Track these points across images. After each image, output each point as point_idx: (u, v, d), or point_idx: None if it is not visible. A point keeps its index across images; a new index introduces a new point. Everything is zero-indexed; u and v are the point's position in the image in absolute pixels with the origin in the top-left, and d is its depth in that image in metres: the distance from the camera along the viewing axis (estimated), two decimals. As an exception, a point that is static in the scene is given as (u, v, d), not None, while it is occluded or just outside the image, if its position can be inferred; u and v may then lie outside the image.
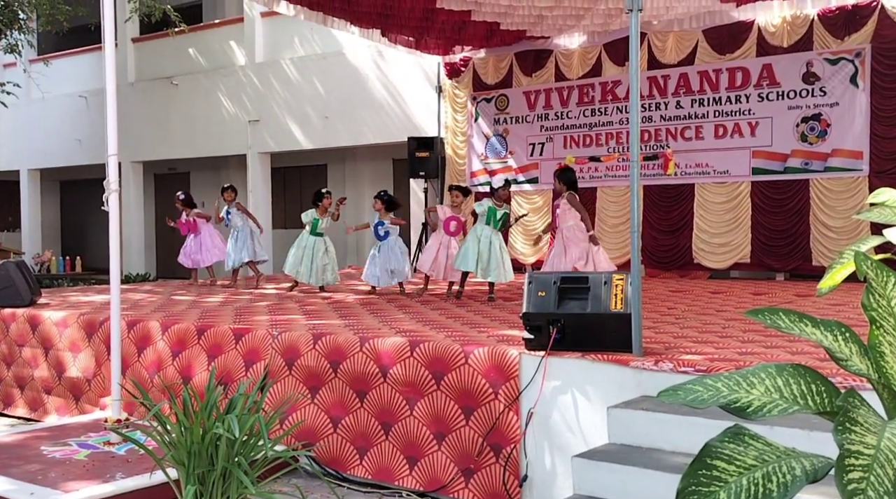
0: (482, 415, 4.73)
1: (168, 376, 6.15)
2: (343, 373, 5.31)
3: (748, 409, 1.68)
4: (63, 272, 16.29)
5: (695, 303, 7.48)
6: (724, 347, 4.79)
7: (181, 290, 9.87)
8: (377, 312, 7.04)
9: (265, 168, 15.44)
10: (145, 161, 17.27)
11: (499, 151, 12.04)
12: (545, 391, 4.52)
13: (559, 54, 11.43)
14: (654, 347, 4.67)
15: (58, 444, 5.47)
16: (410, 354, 5.03)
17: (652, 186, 10.60)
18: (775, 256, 9.87)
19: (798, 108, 9.70)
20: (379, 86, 13.66)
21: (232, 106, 15.61)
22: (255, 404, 4.05)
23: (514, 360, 4.65)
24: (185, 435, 3.77)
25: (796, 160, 9.72)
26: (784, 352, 4.58)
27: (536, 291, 4.63)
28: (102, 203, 5.34)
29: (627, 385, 4.29)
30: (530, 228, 11.33)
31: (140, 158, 17.05)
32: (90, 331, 6.86)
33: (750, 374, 1.76)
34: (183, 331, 6.27)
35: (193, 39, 16.12)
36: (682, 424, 3.75)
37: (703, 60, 10.34)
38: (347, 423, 5.28)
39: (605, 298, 4.51)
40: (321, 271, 9.10)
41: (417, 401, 4.99)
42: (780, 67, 9.81)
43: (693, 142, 10.41)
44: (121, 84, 13.79)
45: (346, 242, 15.70)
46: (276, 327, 5.94)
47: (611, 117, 11.05)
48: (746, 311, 1.99)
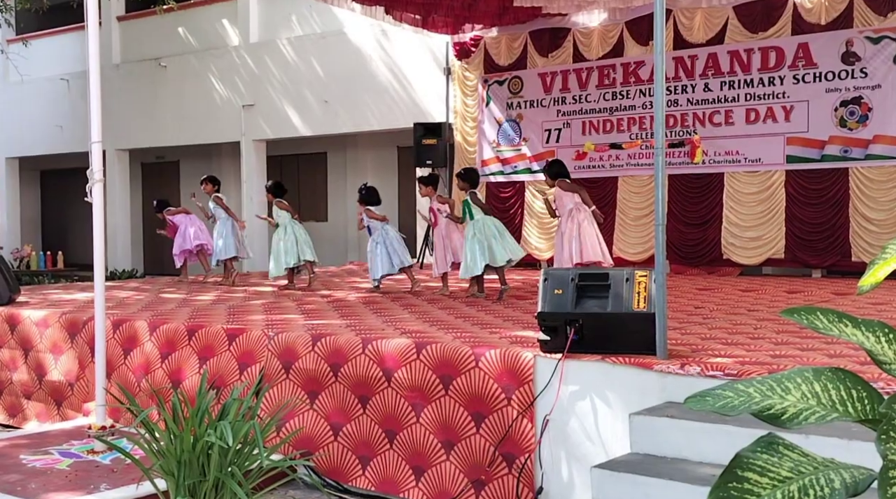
0: (494, 422, 4.73)
1: (156, 379, 6.17)
2: (344, 377, 5.32)
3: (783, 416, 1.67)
4: (44, 268, 16.38)
5: (724, 302, 7.46)
6: (756, 349, 4.78)
7: (170, 287, 9.90)
8: (380, 311, 7.05)
9: (260, 156, 15.46)
10: (131, 149, 17.31)
11: (512, 138, 12.02)
12: (562, 397, 4.52)
13: (577, 33, 11.40)
14: (680, 350, 4.66)
15: (38, 452, 5.49)
16: (416, 356, 5.03)
17: (678, 176, 10.56)
18: (811, 252, 9.83)
19: (836, 91, 9.64)
20: (383, 68, 13.66)
21: (225, 90, 15.63)
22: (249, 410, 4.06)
23: (528, 363, 4.65)
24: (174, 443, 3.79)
25: (834, 147, 9.67)
26: (821, 355, 4.56)
27: (552, 288, 4.62)
28: (86, 194, 5.36)
29: (651, 390, 4.28)
30: (546, 223, 11.32)
31: (126, 146, 17.09)
32: (73, 331, 6.89)
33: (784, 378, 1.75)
34: (172, 331, 6.28)
35: (183, 18, 16.14)
36: (711, 432, 3.75)
37: (733, 39, 10.29)
38: (349, 430, 5.29)
39: (627, 296, 4.50)
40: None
41: (424, 407, 4.99)
42: (817, 47, 9.75)
43: (722, 128, 10.37)
44: (105, 66, 13.82)
45: (348, 238, 15.73)
46: (273, 328, 5.96)
47: (633, 101, 11.01)
48: (781, 310, 1.98)
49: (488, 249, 7.85)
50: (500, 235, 7.96)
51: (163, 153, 18.09)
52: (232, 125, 15.44)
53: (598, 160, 11.14)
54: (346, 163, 16.15)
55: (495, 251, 7.87)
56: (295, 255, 9.23)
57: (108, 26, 16.80)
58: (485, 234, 7.90)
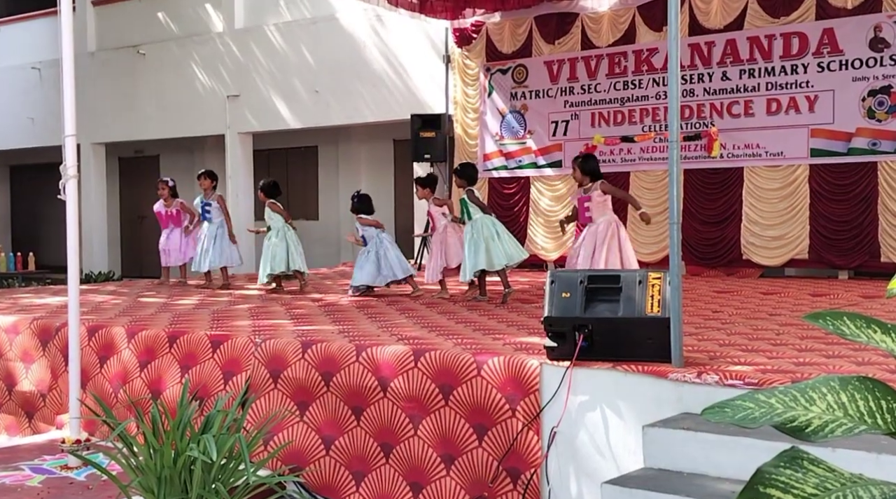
0: (497, 435, 4.73)
1: (135, 389, 6.17)
2: (336, 386, 5.32)
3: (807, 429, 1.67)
4: (13, 270, 16.35)
5: (744, 305, 7.47)
6: (778, 356, 4.78)
7: (149, 290, 9.90)
8: (375, 316, 7.05)
9: (246, 150, 15.47)
10: (108, 142, 17.31)
11: (516, 131, 12.02)
12: (570, 408, 4.52)
13: (586, 18, 11.41)
14: (697, 357, 4.66)
15: (8, 468, 5.49)
16: (414, 364, 5.03)
17: (694, 171, 10.57)
18: (837, 252, 9.83)
19: (864, 80, 9.65)
20: (377, 55, 13.66)
21: (208, 79, 15.63)
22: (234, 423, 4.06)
23: (534, 371, 4.65)
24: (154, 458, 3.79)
25: (862, 140, 9.67)
26: (848, 362, 4.57)
27: (560, 291, 4.63)
28: (59, 191, 5.36)
29: (666, 401, 4.28)
30: (552, 220, 11.32)
31: (102, 140, 17.09)
32: (45, 338, 6.88)
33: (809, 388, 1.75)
34: (152, 338, 6.28)
35: (163, 2, 16.14)
36: (730, 445, 3.75)
37: (753, 24, 10.29)
38: (342, 444, 5.29)
39: (640, 299, 4.51)
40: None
41: (422, 419, 4.99)
42: (843, 32, 9.76)
43: (742, 119, 10.37)
44: (79, 54, 13.83)
45: (340, 238, 15.72)
46: (260, 334, 5.96)
47: (646, 91, 11.02)
48: (805, 314, 1.98)
49: (485, 252, 7.82)
50: (497, 236, 7.93)
51: (142, 147, 18.09)
52: (216, 117, 15.44)
53: (608, 154, 11.14)
54: (339, 157, 16.15)
55: (492, 254, 7.83)
56: (285, 262, 9.24)
57: (83, 11, 16.80)
58: (482, 235, 7.87)
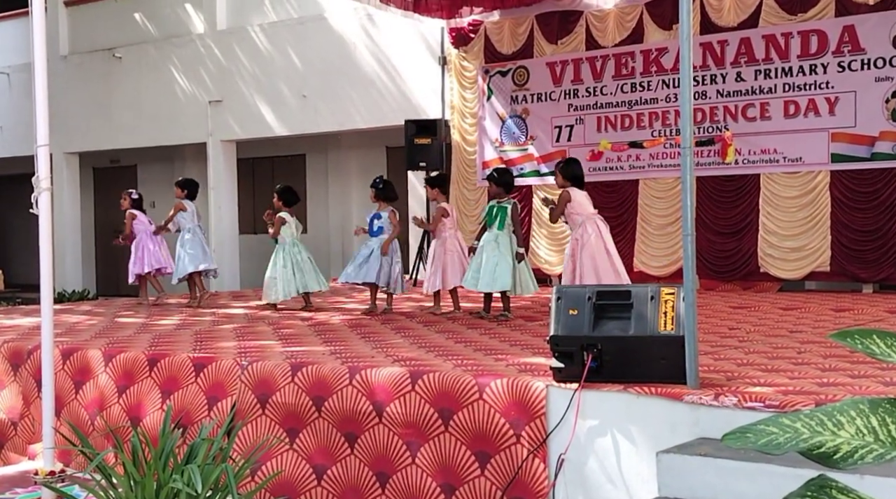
0: (501, 463, 4.72)
1: (113, 416, 6.15)
2: (328, 412, 5.31)
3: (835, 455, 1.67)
4: (-19, 290, 16.33)
5: (762, 322, 7.47)
6: (801, 376, 4.77)
7: (127, 310, 9.89)
8: (369, 335, 7.05)
9: (229, 159, 15.48)
10: (82, 152, 17.32)
11: (517, 136, 12.05)
12: (579, 433, 4.51)
13: (591, 16, 11.45)
14: (714, 378, 4.66)
15: (-23, 502, 5.47)
16: (411, 387, 5.03)
17: (707, 178, 10.59)
18: (861, 264, 9.84)
19: (887, 80, 9.68)
20: (369, 57, 13.69)
21: (188, 84, 15.65)
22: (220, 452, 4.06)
23: (539, 394, 4.64)
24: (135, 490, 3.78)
25: (886, 144, 9.69)
26: (876, 382, 4.56)
27: (566, 308, 4.62)
28: (31, 205, 5.35)
29: (681, 425, 4.27)
30: (556, 231, 11.33)
31: (76, 149, 17.10)
32: (16, 362, 6.87)
33: (836, 411, 1.75)
34: (131, 361, 6.27)
35: (140, 2, 16.17)
36: (752, 473, 3.74)
37: (768, 22, 10.34)
38: (334, 473, 5.28)
39: (653, 316, 4.50)
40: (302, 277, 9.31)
41: (421, 446, 4.98)
42: (864, 30, 9.80)
43: (758, 122, 10.40)
44: (51, 58, 13.84)
45: (330, 252, 15.72)
46: (246, 356, 5.95)
47: (655, 93, 11.05)
48: (830, 333, 1.98)
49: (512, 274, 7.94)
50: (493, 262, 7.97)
51: (118, 156, 18.09)
52: (197, 124, 15.46)
53: (615, 161, 11.17)
54: (328, 166, 16.16)
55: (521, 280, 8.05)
56: (294, 285, 9.21)
57: (55, 12, 16.84)
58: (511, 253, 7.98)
